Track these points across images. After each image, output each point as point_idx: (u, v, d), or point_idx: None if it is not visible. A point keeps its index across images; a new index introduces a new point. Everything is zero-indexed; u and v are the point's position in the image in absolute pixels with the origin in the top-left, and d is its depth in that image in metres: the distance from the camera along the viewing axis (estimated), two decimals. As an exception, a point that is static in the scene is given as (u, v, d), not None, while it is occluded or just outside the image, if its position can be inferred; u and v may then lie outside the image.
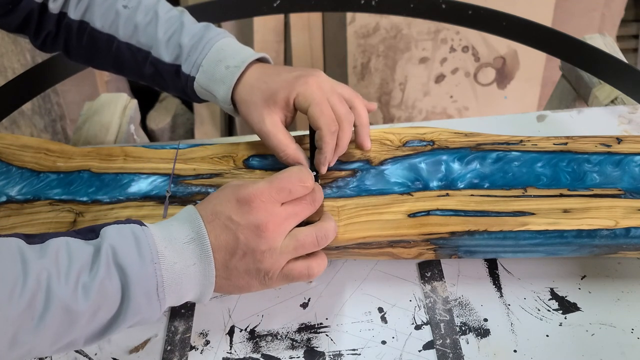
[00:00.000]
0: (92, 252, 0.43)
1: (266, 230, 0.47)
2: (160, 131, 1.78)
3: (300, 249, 0.49)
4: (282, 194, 0.48)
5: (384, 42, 1.52)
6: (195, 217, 0.47)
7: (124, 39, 0.62)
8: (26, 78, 0.84)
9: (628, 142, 0.61)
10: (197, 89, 0.61)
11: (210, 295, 0.48)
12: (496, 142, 0.61)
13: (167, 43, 0.61)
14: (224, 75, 0.59)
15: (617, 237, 0.52)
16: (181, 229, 0.47)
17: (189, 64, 0.60)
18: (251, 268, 0.48)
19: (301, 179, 0.49)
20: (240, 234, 0.47)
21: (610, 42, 0.95)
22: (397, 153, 0.61)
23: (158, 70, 0.62)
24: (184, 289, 0.46)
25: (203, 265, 0.46)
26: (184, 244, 0.46)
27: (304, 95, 0.56)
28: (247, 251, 0.47)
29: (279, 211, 0.48)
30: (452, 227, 0.53)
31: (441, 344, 0.53)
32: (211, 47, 0.60)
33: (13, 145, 0.65)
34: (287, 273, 0.49)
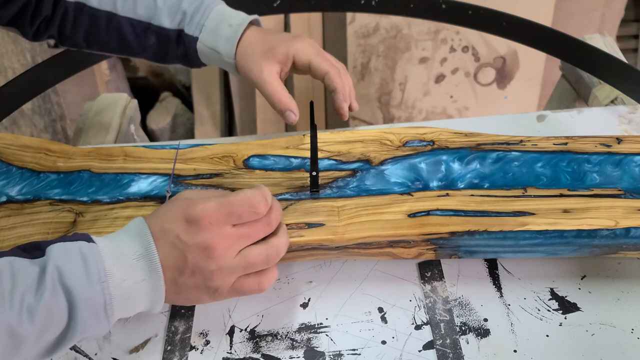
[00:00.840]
0: (37, 273, 0.42)
1: (214, 252, 0.46)
2: (160, 131, 1.78)
3: (250, 268, 0.48)
4: (231, 217, 0.47)
5: (384, 42, 1.52)
6: (145, 232, 0.47)
7: (123, 13, 0.65)
8: (26, 78, 0.84)
9: (628, 142, 0.61)
10: (201, 49, 0.65)
11: (161, 307, 0.48)
12: (496, 142, 0.61)
13: (168, 10, 0.65)
14: (228, 33, 0.63)
15: (617, 237, 0.52)
16: (131, 244, 0.46)
17: (192, 26, 0.64)
18: (200, 285, 0.48)
19: (252, 205, 0.48)
20: (188, 254, 0.46)
21: (610, 42, 0.95)
22: (397, 153, 0.61)
23: (160, 39, 0.65)
24: (133, 304, 0.46)
25: (152, 281, 0.46)
26: (133, 260, 0.46)
27: (303, 50, 0.62)
28: (195, 270, 0.47)
29: (228, 233, 0.47)
30: (452, 227, 0.53)
31: (441, 344, 0.53)
32: (212, 10, 0.65)
33: (13, 145, 0.65)
34: (237, 288, 0.49)
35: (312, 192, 0.58)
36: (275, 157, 0.62)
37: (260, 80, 0.62)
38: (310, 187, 0.58)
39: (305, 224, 0.55)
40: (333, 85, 0.62)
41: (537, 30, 0.87)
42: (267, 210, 0.49)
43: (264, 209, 0.48)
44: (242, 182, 0.60)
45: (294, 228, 0.54)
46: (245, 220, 0.48)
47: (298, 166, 0.62)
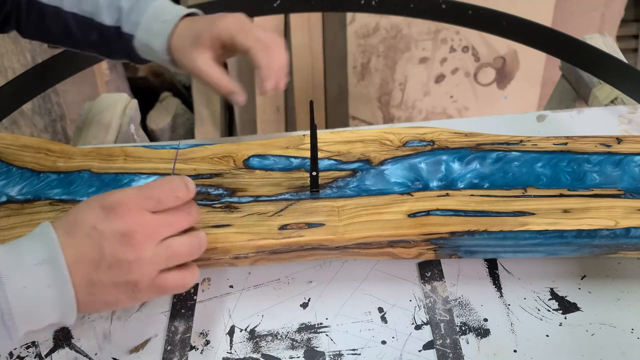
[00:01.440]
0: None
1: (133, 239, 0.44)
2: (160, 131, 1.78)
3: (174, 259, 0.46)
4: (150, 201, 0.45)
5: (384, 42, 1.52)
6: (48, 234, 0.44)
7: (69, 8, 0.65)
8: (26, 78, 0.84)
9: (628, 142, 0.61)
10: (137, 46, 0.64)
11: (75, 317, 0.45)
12: (496, 142, 0.61)
13: (108, 8, 0.64)
14: (160, 29, 0.62)
15: (617, 237, 0.52)
16: (32, 249, 0.43)
17: (129, 24, 0.63)
18: (119, 281, 0.44)
19: (172, 189, 0.46)
20: (105, 244, 0.43)
21: (610, 42, 0.95)
22: (397, 153, 0.61)
23: (102, 35, 0.65)
24: (40, 313, 0.43)
25: (58, 287, 0.43)
26: (35, 265, 0.42)
27: (225, 29, 0.59)
28: (113, 262, 0.44)
29: (148, 219, 0.45)
30: (452, 227, 0.53)
31: (441, 344, 0.53)
32: (147, 7, 0.64)
33: (13, 145, 0.65)
34: (159, 284, 0.46)
35: (312, 192, 0.58)
36: (275, 157, 0.62)
37: (195, 70, 0.60)
38: (310, 187, 0.58)
39: (305, 224, 0.55)
40: (256, 61, 0.58)
41: (537, 30, 0.87)
42: (187, 196, 0.47)
43: (184, 193, 0.47)
44: (242, 182, 0.60)
45: (294, 228, 0.54)
46: (166, 206, 0.46)
47: (298, 166, 0.62)
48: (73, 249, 0.43)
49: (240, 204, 0.57)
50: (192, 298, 0.58)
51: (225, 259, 0.56)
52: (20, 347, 0.55)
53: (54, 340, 0.55)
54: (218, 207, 0.57)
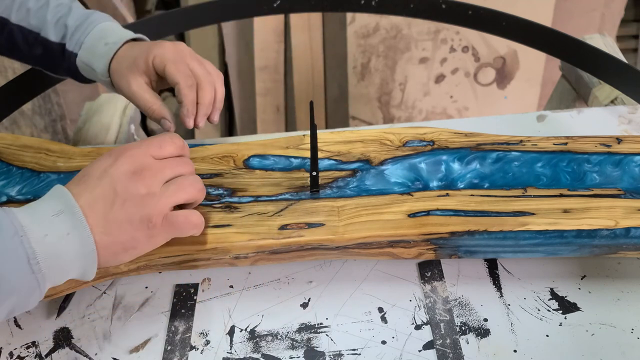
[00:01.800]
0: None
1: (142, 175, 0.48)
2: (160, 131, 1.78)
3: (181, 192, 0.50)
4: (152, 147, 0.50)
5: (384, 42, 1.52)
6: (62, 191, 0.46)
7: (16, 21, 0.67)
8: (26, 78, 0.84)
9: (628, 142, 0.61)
10: (79, 65, 0.65)
11: (95, 268, 0.47)
12: (496, 142, 0.61)
13: (55, 25, 0.66)
14: (103, 51, 0.63)
15: (617, 237, 0.52)
16: (47, 204, 0.46)
17: (73, 42, 0.65)
18: (133, 216, 0.47)
19: (170, 136, 0.52)
20: (117, 183, 0.47)
21: (610, 42, 0.95)
22: (397, 153, 0.61)
23: (46, 50, 0.66)
24: (63, 261, 0.44)
25: (78, 233, 0.45)
26: (52, 216, 0.45)
27: (160, 56, 0.60)
28: (127, 198, 0.47)
29: (152, 162, 0.49)
30: (452, 227, 0.53)
31: (441, 344, 0.53)
32: (94, 28, 0.65)
33: (13, 145, 0.65)
34: (171, 220, 0.49)
35: (312, 192, 0.58)
36: (275, 157, 0.62)
37: (129, 94, 0.61)
38: (310, 187, 0.58)
39: (305, 224, 0.55)
40: (179, 97, 0.60)
41: (537, 30, 0.87)
42: (182, 145, 0.53)
43: (179, 141, 0.53)
44: (242, 182, 0.60)
45: (294, 228, 0.54)
46: (166, 151, 0.51)
47: (298, 166, 0.62)
48: (87, 193, 0.46)
49: (240, 204, 0.57)
50: (192, 298, 0.58)
51: (225, 259, 0.56)
52: (20, 347, 0.55)
53: (54, 340, 0.55)
54: (218, 207, 0.57)
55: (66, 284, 0.53)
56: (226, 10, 0.96)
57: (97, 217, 0.46)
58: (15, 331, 0.56)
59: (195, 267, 0.57)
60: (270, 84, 1.62)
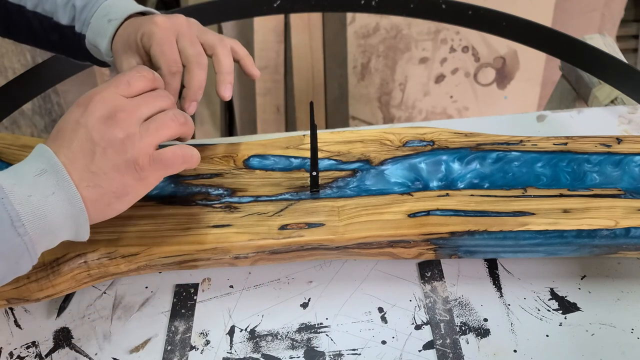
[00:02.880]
0: None
1: (116, 118, 0.45)
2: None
3: (164, 130, 0.47)
4: (120, 87, 0.47)
5: (384, 42, 1.52)
6: (42, 150, 0.45)
7: (32, 7, 0.64)
8: (26, 78, 0.84)
9: (628, 142, 0.61)
10: (89, 47, 0.62)
11: (87, 226, 0.45)
12: (496, 142, 0.61)
13: (64, 7, 0.63)
14: (105, 29, 0.59)
15: (617, 237, 0.52)
16: (29, 164, 0.44)
17: (80, 23, 0.62)
18: (118, 162, 0.45)
19: (137, 71, 0.48)
20: (93, 132, 0.45)
21: (610, 42, 0.95)
22: (397, 153, 0.61)
23: (61, 36, 0.64)
24: (51, 222, 0.43)
25: (63, 191, 0.43)
26: (35, 176, 0.43)
27: (148, 34, 0.55)
28: (106, 146, 0.45)
29: (125, 102, 0.47)
30: (452, 227, 0.53)
31: (441, 344, 0.53)
32: (99, 5, 0.61)
33: (13, 145, 0.65)
34: (158, 157, 0.47)
35: (312, 192, 0.58)
36: (275, 157, 0.62)
37: None
38: (311, 187, 0.58)
39: (306, 224, 0.55)
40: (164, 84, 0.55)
41: (537, 30, 0.87)
42: (153, 77, 0.49)
43: (149, 74, 0.49)
44: (242, 182, 0.60)
45: (294, 228, 0.54)
46: (136, 87, 0.48)
47: (298, 166, 0.62)
48: (65, 149, 0.44)
49: (241, 204, 0.57)
50: (192, 298, 0.58)
51: (226, 259, 0.56)
52: (20, 347, 0.55)
53: (54, 340, 0.55)
54: (218, 207, 0.57)
55: (67, 284, 0.53)
56: (226, 10, 0.96)
57: (81, 171, 0.44)
58: (15, 331, 0.56)
59: (195, 267, 0.57)
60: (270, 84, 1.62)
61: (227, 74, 0.56)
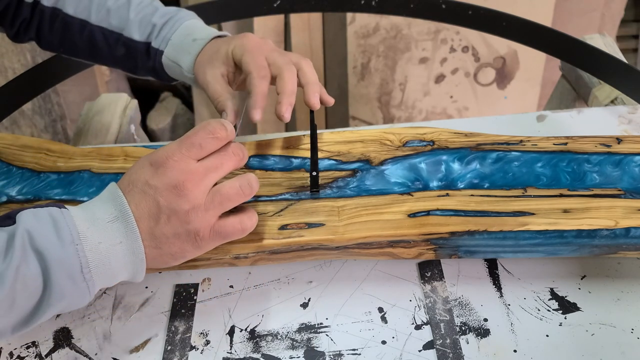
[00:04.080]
0: (6, 239, 0.42)
1: (184, 189, 0.46)
2: (160, 131, 1.78)
3: (227, 202, 0.48)
4: (192, 150, 0.47)
5: (384, 42, 1.52)
6: (117, 195, 0.46)
7: (96, 22, 0.66)
8: (26, 78, 0.84)
9: (628, 142, 0.61)
10: (165, 62, 0.64)
11: (144, 272, 0.48)
12: (496, 142, 0.61)
13: (139, 23, 0.65)
14: (190, 47, 0.63)
15: (617, 237, 0.52)
16: (104, 207, 0.46)
17: (159, 40, 0.64)
18: (180, 231, 0.47)
19: (210, 132, 0.48)
20: (160, 197, 0.46)
21: (610, 42, 0.95)
22: (397, 153, 0.61)
23: (129, 51, 0.66)
24: (113, 268, 0.45)
25: (129, 242, 0.45)
26: (108, 222, 0.45)
27: (240, 46, 0.59)
28: (170, 214, 0.46)
29: (195, 167, 0.47)
30: (452, 227, 0.53)
31: (441, 344, 0.53)
32: (181, 25, 0.65)
33: (13, 145, 0.65)
34: (219, 230, 0.48)
35: (312, 192, 0.58)
36: (275, 157, 0.62)
37: (203, 84, 0.60)
38: (311, 187, 0.58)
39: (306, 224, 0.55)
40: (248, 87, 0.58)
41: (537, 30, 0.87)
42: (227, 136, 0.49)
43: (223, 134, 0.48)
44: (242, 182, 0.60)
45: (294, 228, 0.54)
46: (208, 150, 0.48)
47: (298, 166, 0.62)
48: (133, 205, 0.46)
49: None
50: (192, 298, 0.58)
51: (226, 259, 0.56)
52: (20, 347, 0.55)
53: (54, 340, 0.55)
54: (218, 207, 0.57)
55: None
56: (226, 10, 0.96)
57: (145, 232, 0.46)
58: (16, 331, 0.56)
59: (195, 267, 0.57)
60: (270, 84, 1.62)
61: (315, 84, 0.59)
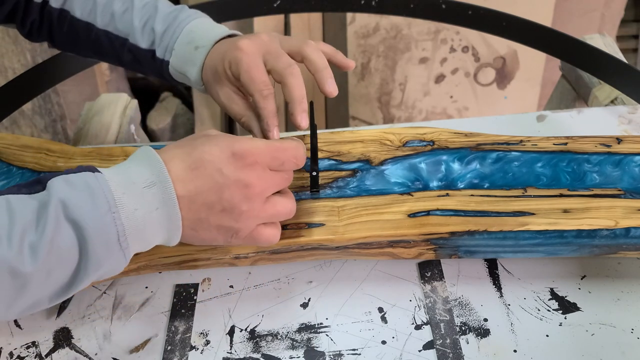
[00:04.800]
0: (36, 208, 0.41)
1: (251, 191, 0.46)
2: (160, 131, 1.78)
3: (275, 217, 0.49)
4: (275, 162, 0.48)
5: (384, 42, 1.52)
6: (154, 159, 0.45)
7: (102, 26, 0.64)
8: (26, 78, 0.84)
9: (628, 142, 0.61)
10: (173, 73, 0.62)
11: (179, 238, 0.47)
12: (496, 142, 0.61)
13: (142, 30, 0.62)
14: (194, 57, 0.59)
15: (617, 237, 0.52)
16: (140, 171, 0.44)
17: (162, 49, 0.61)
18: (225, 225, 0.47)
19: (296, 156, 0.49)
20: (227, 190, 0.45)
21: (610, 42, 0.95)
22: (397, 153, 0.61)
23: (136, 57, 0.63)
24: (148, 234, 0.45)
25: (167, 209, 0.44)
26: (144, 188, 0.44)
27: (234, 62, 0.54)
28: (227, 207, 0.46)
29: (268, 176, 0.47)
30: (452, 227, 0.53)
31: (441, 344, 0.53)
32: (182, 30, 0.60)
33: (13, 145, 0.65)
34: (255, 236, 0.49)
35: (312, 192, 0.58)
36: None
37: (220, 104, 0.58)
38: (311, 187, 0.58)
39: (306, 224, 0.55)
40: (257, 109, 0.55)
41: (537, 30, 0.87)
42: (302, 162, 0.50)
43: (302, 161, 0.50)
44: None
45: (294, 228, 0.54)
46: (284, 169, 0.49)
47: (298, 166, 0.62)
48: (193, 185, 0.45)
49: (241, 204, 0.57)
50: (192, 298, 0.58)
51: (226, 259, 0.56)
52: (20, 347, 0.55)
53: (54, 340, 0.55)
54: (218, 207, 0.57)
55: None
56: (226, 10, 0.96)
57: (192, 212, 0.45)
58: (15, 331, 0.56)
59: (195, 267, 0.57)
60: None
61: (324, 70, 0.55)
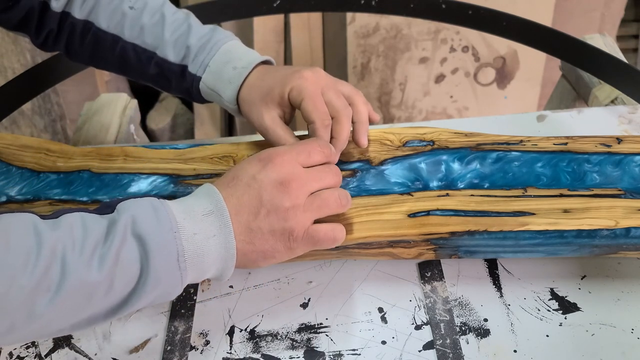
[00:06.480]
0: (106, 225, 0.43)
1: (289, 186, 0.47)
2: (160, 131, 1.78)
3: (325, 208, 0.49)
4: (301, 155, 0.49)
5: (384, 42, 1.52)
6: (213, 191, 0.47)
7: (130, 39, 0.63)
8: (26, 78, 0.84)
9: (628, 142, 0.61)
10: (203, 89, 0.62)
11: (232, 270, 0.48)
12: (496, 142, 0.61)
13: (174, 44, 0.62)
14: (231, 76, 0.60)
15: (617, 237, 0.52)
16: (199, 202, 0.47)
17: (196, 64, 0.61)
18: (276, 228, 0.47)
19: (320, 145, 0.51)
20: (264, 192, 0.47)
21: (610, 42, 0.95)
22: (397, 153, 0.61)
23: (162, 71, 0.63)
24: (205, 261, 0.45)
25: (223, 236, 0.46)
26: (203, 215, 0.46)
27: (297, 89, 0.56)
28: (271, 209, 0.47)
29: (301, 171, 0.49)
30: (452, 227, 0.53)
31: (441, 344, 0.53)
32: (219, 49, 0.61)
33: (13, 145, 0.65)
34: (312, 234, 0.49)
35: (312, 192, 0.58)
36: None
37: (262, 129, 0.59)
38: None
39: (305, 224, 0.55)
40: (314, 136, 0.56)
41: (537, 30, 0.87)
42: (332, 156, 0.52)
43: (329, 152, 0.51)
44: (242, 182, 0.60)
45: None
46: (315, 160, 0.50)
47: (298, 166, 0.62)
48: (234, 198, 0.47)
49: (240, 204, 0.57)
50: (192, 298, 0.58)
51: (225, 259, 0.56)
52: (20, 347, 0.55)
53: (54, 340, 0.55)
54: (218, 207, 0.57)
55: None
56: (226, 10, 0.96)
57: (241, 225, 0.47)
58: (15, 331, 0.56)
59: (195, 267, 0.57)
60: (270, 84, 1.62)
61: (365, 123, 0.59)
